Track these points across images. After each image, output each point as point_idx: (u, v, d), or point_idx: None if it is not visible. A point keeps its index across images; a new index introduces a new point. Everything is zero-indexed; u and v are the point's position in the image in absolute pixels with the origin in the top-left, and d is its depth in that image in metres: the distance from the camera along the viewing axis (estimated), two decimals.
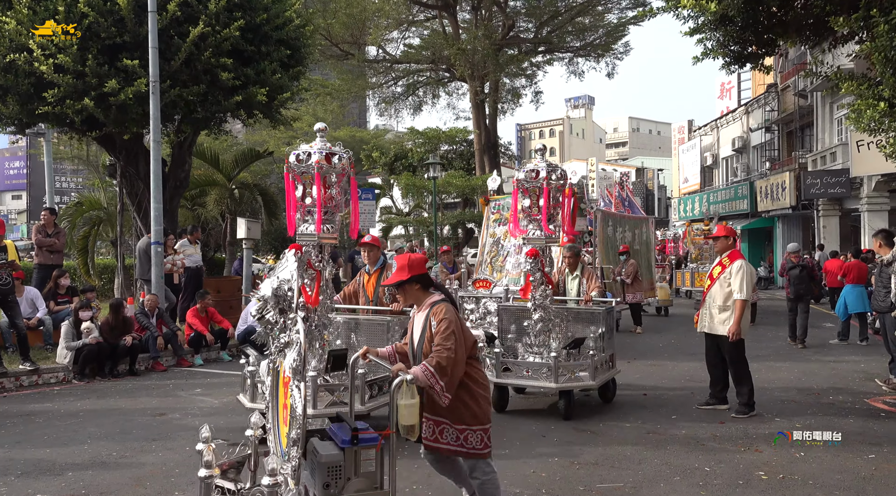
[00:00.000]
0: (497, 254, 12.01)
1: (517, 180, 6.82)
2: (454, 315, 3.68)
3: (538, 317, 6.67)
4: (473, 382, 3.73)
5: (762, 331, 12.59)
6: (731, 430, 6.11)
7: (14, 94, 10.26)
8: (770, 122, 27.87)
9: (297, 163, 5.12)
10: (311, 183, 5.12)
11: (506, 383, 6.74)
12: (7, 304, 8.51)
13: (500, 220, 12.22)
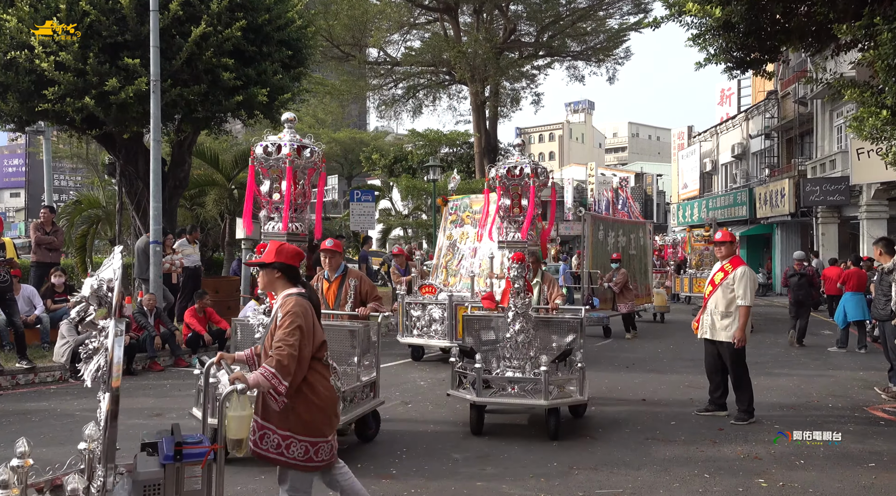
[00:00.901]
0: (452, 257, 11.41)
1: (498, 177, 6.20)
2: (305, 310, 3.36)
3: (519, 327, 6.09)
4: (310, 389, 3.37)
5: (761, 338, 12.58)
6: (730, 437, 6.08)
7: (14, 92, 10.22)
8: (770, 128, 27.91)
9: (265, 155, 4.80)
10: (279, 177, 4.80)
11: (488, 403, 6.04)
12: (5, 302, 8.48)
13: (456, 222, 11.67)
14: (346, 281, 6.09)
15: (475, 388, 5.99)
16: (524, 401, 5.98)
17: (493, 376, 6.09)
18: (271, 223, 4.87)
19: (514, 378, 6.01)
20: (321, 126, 33.28)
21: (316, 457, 3.37)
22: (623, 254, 14.60)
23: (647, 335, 13.67)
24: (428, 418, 6.74)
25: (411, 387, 8.35)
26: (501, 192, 6.28)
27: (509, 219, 6.26)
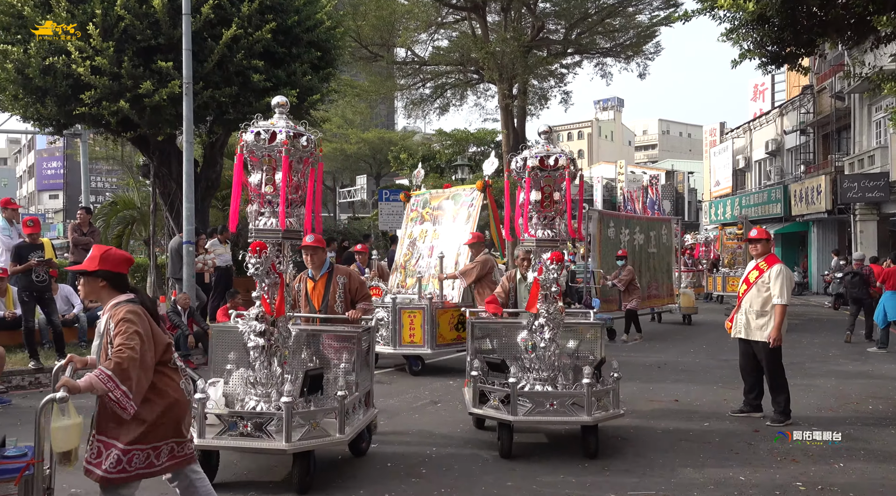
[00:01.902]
0: (411, 256, 10.51)
1: (529, 168, 5.46)
2: (139, 316, 3.10)
3: (549, 336, 5.47)
4: (157, 394, 3.14)
5: (797, 338, 12.32)
6: (766, 439, 5.95)
7: (53, 96, 10.48)
8: (805, 124, 27.31)
9: (257, 142, 4.35)
10: (272, 168, 4.37)
11: (526, 422, 5.35)
12: (44, 301, 8.68)
13: (416, 219, 10.79)
14: (333, 279, 5.57)
15: (509, 406, 5.26)
16: (566, 419, 5.34)
17: (529, 391, 5.38)
18: (262, 219, 4.46)
19: (552, 393, 5.35)
20: (350, 126, 33.52)
21: (157, 461, 3.15)
22: (641, 253, 13.92)
23: (677, 336, 13.48)
24: (430, 439, 6.21)
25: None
26: (529, 185, 5.60)
27: (540, 214, 5.58)
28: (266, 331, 4.56)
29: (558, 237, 5.57)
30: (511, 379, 5.32)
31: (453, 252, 9.81)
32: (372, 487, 4.71)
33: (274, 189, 4.40)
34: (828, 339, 12.62)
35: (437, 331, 8.86)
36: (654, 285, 14.32)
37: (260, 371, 4.61)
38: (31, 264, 8.36)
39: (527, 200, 5.55)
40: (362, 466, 5.16)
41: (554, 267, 5.38)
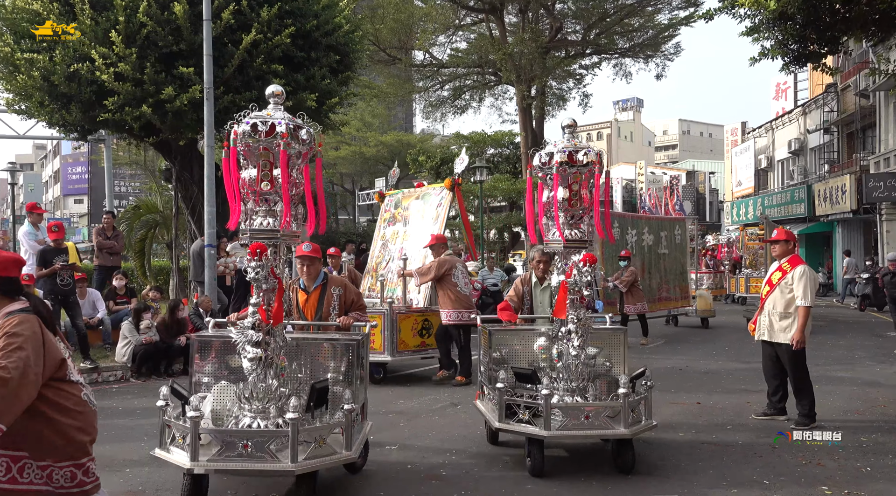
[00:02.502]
0: (382, 259, 10.05)
1: (557, 164, 5.08)
2: (31, 328, 2.76)
3: (579, 344, 5.09)
4: (58, 411, 2.83)
5: (822, 340, 12.11)
6: (791, 443, 5.82)
7: (77, 102, 10.66)
8: (829, 123, 26.89)
9: (253, 135, 4.02)
10: (269, 162, 4.05)
11: (560, 437, 4.99)
12: (68, 305, 8.82)
13: (389, 220, 10.28)
14: (327, 291, 5.27)
15: (542, 420, 4.86)
16: (602, 432, 4.97)
17: (562, 404, 4.98)
18: (258, 218, 4.09)
19: (587, 404, 4.99)
20: (368, 129, 33.66)
21: (89, 480, 2.95)
22: (650, 254, 13.30)
23: (696, 338, 13.32)
24: (449, 442, 6.18)
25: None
26: (549, 182, 5.23)
27: (567, 213, 5.22)
28: (262, 341, 4.18)
29: (586, 237, 5.25)
30: (544, 391, 4.92)
31: (421, 254, 9.34)
32: (390, 491, 4.71)
33: (272, 186, 4.04)
34: (853, 341, 12.39)
35: (398, 337, 8.47)
36: (666, 287, 13.72)
37: (256, 384, 4.20)
38: (56, 268, 8.50)
39: (554, 198, 5.12)
40: (380, 470, 5.14)
41: (587, 269, 5.02)
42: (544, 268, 6.23)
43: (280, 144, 3.99)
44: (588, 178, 5.22)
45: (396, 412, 7.03)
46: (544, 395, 4.87)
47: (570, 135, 5.28)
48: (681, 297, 14.36)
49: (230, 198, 4.12)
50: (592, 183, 5.24)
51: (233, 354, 4.58)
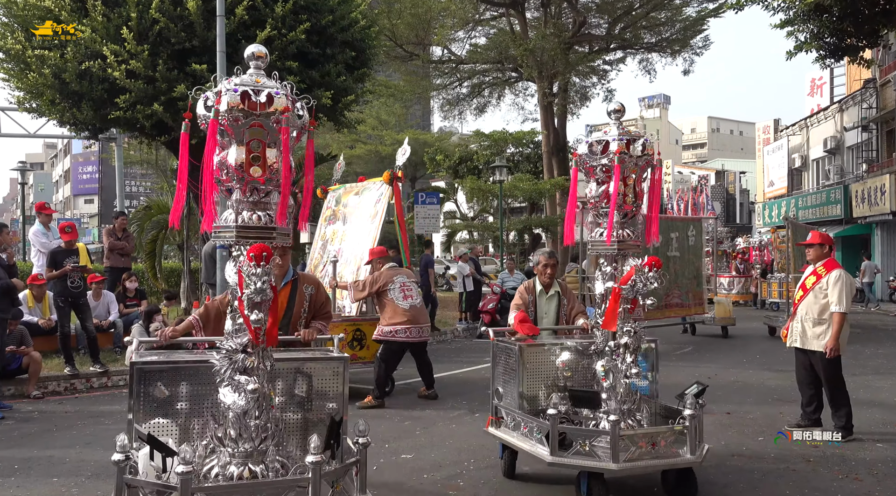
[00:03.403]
0: (321, 261, 9.27)
1: (618, 152, 4.45)
2: None
3: (630, 360, 4.52)
4: None
5: (859, 348, 11.58)
6: (826, 455, 5.56)
7: (88, 100, 10.59)
8: (867, 120, 26.01)
9: (243, 109, 3.18)
10: (260, 142, 3.26)
11: (629, 470, 4.24)
12: (79, 307, 8.72)
13: (330, 218, 9.46)
14: (298, 289, 4.55)
15: (608, 452, 4.20)
16: (670, 461, 4.35)
17: (632, 431, 4.33)
18: (246, 213, 3.30)
19: (652, 431, 4.41)
20: (384, 127, 33.47)
21: None
22: (659, 256, 12.55)
23: (724, 346, 12.88)
24: (466, 452, 5.82)
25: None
26: (601, 174, 4.59)
27: (619, 211, 4.62)
28: (255, 367, 3.36)
29: (638, 239, 4.66)
30: (612, 416, 4.27)
31: (357, 256, 8.75)
32: None
33: (265, 172, 3.26)
34: (893, 350, 11.82)
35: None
36: (677, 293, 12.70)
37: (248, 421, 3.35)
38: (66, 270, 8.41)
39: (614, 193, 4.45)
40: (395, 479, 4.98)
41: (652, 275, 4.45)
42: (551, 274, 5.68)
43: (281, 121, 3.22)
44: (643, 171, 4.63)
45: (413, 419, 6.89)
46: (612, 422, 4.21)
47: (617, 121, 4.64)
48: (694, 304, 13.06)
49: (205, 186, 3.27)
50: (646, 178, 4.69)
51: (195, 383, 3.75)
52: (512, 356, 4.93)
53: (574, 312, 5.62)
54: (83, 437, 6.18)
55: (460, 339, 13.46)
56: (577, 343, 4.98)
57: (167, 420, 3.73)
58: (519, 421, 4.74)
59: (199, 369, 3.74)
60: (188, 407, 3.78)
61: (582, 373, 4.95)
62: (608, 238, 4.55)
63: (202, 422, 3.74)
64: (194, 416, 3.78)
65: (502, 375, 5.08)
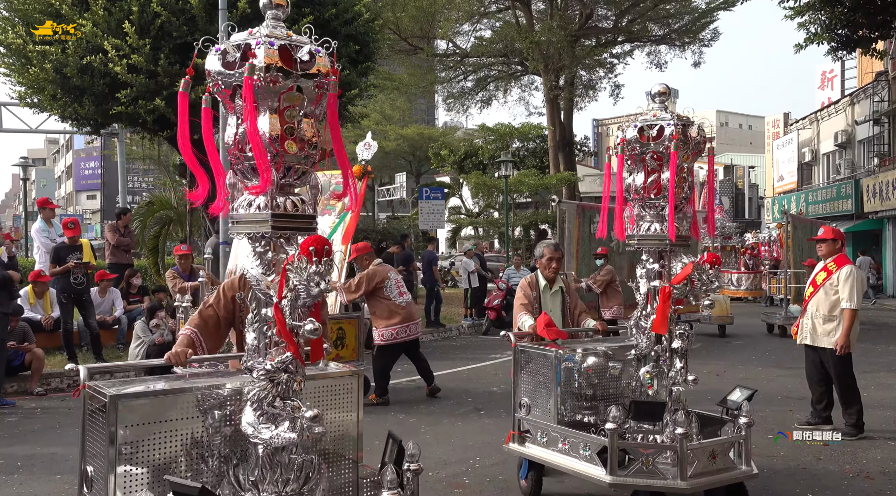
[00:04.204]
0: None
1: (675, 137, 4.04)
2: None
3: (683, 364, 4.16)
4: None
5: (870, 346, 11.45)
6: (837, 454, 5.51)
7: (90, 95, 10.59)
8: (879, 113, 25.70)
9: (270, 68, 2.49)
10: (272, 109, 2.60)
11: (697, 487, 3.90)
12: (81, 303, 8.73)
13: None
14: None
15: (674, 469, 3.83)
16: (732, 474, 4.05)
17: (698, 445, 3.97)
18: (281, 198, 2.64)
19: (714, 442, 4.08)
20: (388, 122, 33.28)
21: None
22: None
23: (734, 343, 12.72)
24: (472, 450, 5.63)
25: None
26: (651, 162, 4.19)
27: (645, 203, 4.33)
28: (294, 383, 2.70)
29: (688, 233, 4.31)
30: (679, 429, 3.84)
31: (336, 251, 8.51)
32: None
33: (302, 148, 2.64)
34: None
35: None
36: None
37: (287, 458, 2.67)
38: (69, 266, 8.39)
39: (671, 182, 4.10)
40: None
41: (712, 272, 4.15)
42: (556, 268, 5.29)
43: (327, 85, 2.63)
44: (693, 159, 4.27)
45: (418, 416, 6.87)
46: (679, 435, 3.79)
47: (661, 105, 4.25)
48: (688, 302, 12.97)
49: (213, 163, 2.68)
50: (699, 167, 4.43)
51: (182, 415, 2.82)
52: (546, 364, 4.37)
53: (578, 310, 5.30)
54: None
55: (465, 336, 13.38)
56: (607, 347, 4.57)
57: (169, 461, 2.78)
58: (556, 436, 4.24)
59: (185, 398, 2.84)
60: (176, 446, 2.81)
61: (609, 380, 4.54)
62: (671, 232, 4.09)
63: (193, 463, 2.83)
64: (181, 457, 2.82)
65: (530, 385, 4.49)
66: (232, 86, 2.63)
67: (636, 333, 4.30)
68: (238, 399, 2.85)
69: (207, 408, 2.83)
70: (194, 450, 2.81)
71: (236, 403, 2.85)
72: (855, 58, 24.06)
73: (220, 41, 2.62)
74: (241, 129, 2.64)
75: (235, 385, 2.87)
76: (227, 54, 2.59)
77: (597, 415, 4.41)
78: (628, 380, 4.49)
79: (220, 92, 2.67)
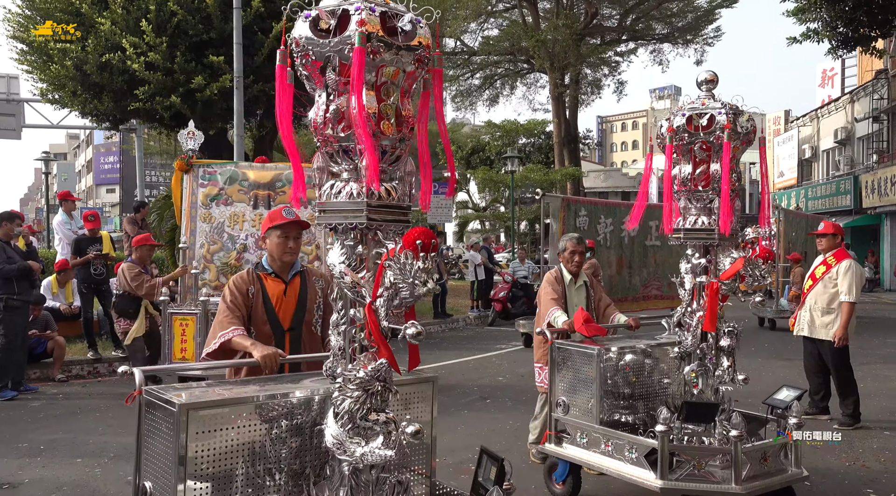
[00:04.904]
0: (221, 247, 7.76)
1: (728, 127, 3.84)
2: None
3: (730, 363, 4.06)
4: None
5: (867, 338, 11.62)
6: (833, 443, 5.62)
7: (109, 92, 10.78)
8: (879, 111, 25.82)
9: (372, 38, 2.15)
10: (389, 86, 2.31)
11: (753, 491, 3.72)
12: (101, 294, 8.91)
13: (219, 198, 7.87)
14: (308, 282, 3.45)
15: (726, 473, 3.70)
16: (784, 477, 3.96)
17: (752, 447, 3.84)
18: (354, 183, 2.31)
19: (766, 445, 3.97)
20: None
21: None
22: (634, 246, 11.52)
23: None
24: (480, 437, 5.80)
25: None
26: (699, 152, 3.99)
27: (691, 194, 4.10)
28: (387, 399, 2.38)
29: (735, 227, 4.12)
30: (733, 431, 3.71)
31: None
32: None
33: (400, 129, 2.36)
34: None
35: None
36: (657, 284, 11.89)
37: (373, 478, 2.38)
38: (89, 257, 8.59)
39: (725, 172, 3.90)
40: None
41: (764, 268, 3.97)
42: (579, 261, 5.06)
43: (429, 59, 2.34)
44: (742, 150, 4.07)
45: None
46: (734, 437, 3.65)
47: (708, 93, 4.04)
48: (677, 296, 12.61)
49: (291, 152, 2.39)
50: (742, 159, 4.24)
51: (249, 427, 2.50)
52: (587, 362, 4.12)
53: (604, 304, 5.07)
54: (106, 420, 6.35)
55: (472, 327, 13.59)
56: (646, 344, 4.37)
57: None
58: (598, 437, 4.02)
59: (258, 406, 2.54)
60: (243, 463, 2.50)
61: (647, 378, 4.34)
62: (726, 226, 3.89)
63: (257, 478, 2.51)
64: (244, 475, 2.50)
65: (568, 383, 4.25)
66: (324, 56, 2.25)
67: (680, 331, 4.12)
68: (307, 408, 2.58)
69: (274, 418, 2.53)
70: (260, 464, 2.50)
71: (306, 413, 2.58)
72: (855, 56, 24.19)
73: (311, 5, 2.26)
74: (332, 107, 2.30)
75: (305, 393, 2.60)
76: (321, 20, 2.24)
77: (635, 414, 4.21)
78: (667, 378, 4.32)
79: (310, 64, 2.29)
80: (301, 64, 2.31)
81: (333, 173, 2.39)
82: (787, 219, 14.11)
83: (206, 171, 8.05)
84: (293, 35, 2.30)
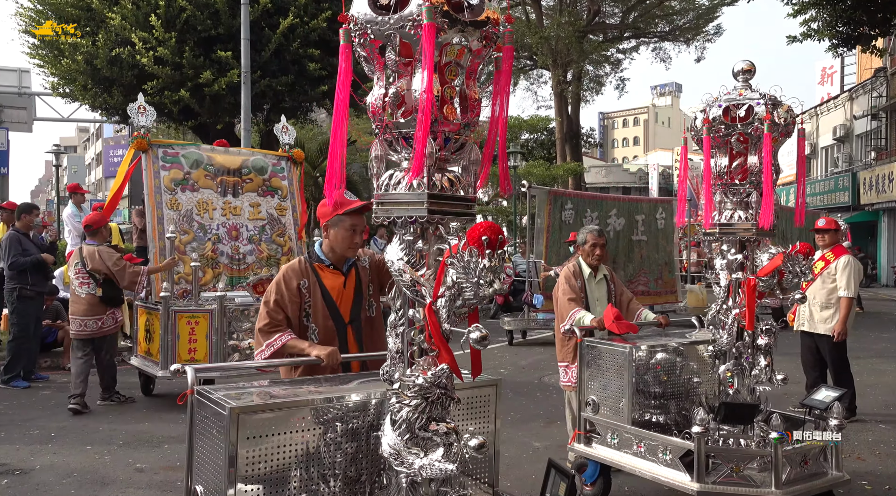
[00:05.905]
0: (195, 239, 7.26)
1: (767, 118, 3.71)
2: None
3: (768, 362, 3.88)
4: None
5: (864, 332, 11.77)
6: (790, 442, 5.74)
7: (119, 86, 10.90)
8: (877, 108, 25.95)
9: (390, 18, 1.99)
10: (454, 66, 2.14)
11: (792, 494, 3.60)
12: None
13: (185, 183, 7.30)
14: (361, 274, 3.22)
15: (764, 476, 3.62)
16: (824, 480, 3.83)
17: (792, 450, 3.70)
18: (435, 174, 2.10)
19: (809, 447, 3.82)
20: None
21: None
22: (620, 240, 11.33)
23: None
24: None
25: None
26: (737, 144, 3.87)
27: (727, 187, 3.96)
28: (446, 407, 2.19)
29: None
30: (773, 434, 3.62)
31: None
32: None
33: (465, 116, 2.18)
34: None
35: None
36: (644, 280, 11.74)
37: (432, 491, 2.20)
38: None
39: (767, 166, 3.73)
40: None
41: (805, 263, 3.78)
42: (600, 255, 4.79)
43: (498, 36, 2.13)
44: (781, 141, 3.95)
45: None
46: (776, 440, 3.55)
47: (745, 83, 3.88)
48: (665, 292, 11.99)
49: (335, 132, 2.20)
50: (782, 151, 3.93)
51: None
52: (619, 360, 3.99)
53: (626, 299, 4.82)
54: (115, 407, 6.47)
55: None
56: (678, 342, 4.23)
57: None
58: (629, 437, 3.89)
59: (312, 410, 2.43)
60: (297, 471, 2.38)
61: (678, 377, 4.19)
62: (767, 219, 3.74)
63: (311, 483, 2.40)
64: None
65: (598, 382, 4.12)
66: (384, 35, 2.06)
67: (715, 329, 3.98)
68: (363, 412, 2.47)
69: (328, 422, 2.41)
70: (314, 470, 2.39)
71: (362, 417, 2.47)
72: (855, 55, 24.32)
73: None
74: (391, 90, 2.11)
75: (361, 396, 2.49)
76: None
77: (666, 414, 4.09)
78: (697, 378, 4.21)
79: (368, 44, 2.09)
80: (359, 44, 2.10)
81: (392, 162, 2.20)
82: (781, 214, 14.18)
83: (166, 153, 7.47)
84: (351, 13, 2.10)
